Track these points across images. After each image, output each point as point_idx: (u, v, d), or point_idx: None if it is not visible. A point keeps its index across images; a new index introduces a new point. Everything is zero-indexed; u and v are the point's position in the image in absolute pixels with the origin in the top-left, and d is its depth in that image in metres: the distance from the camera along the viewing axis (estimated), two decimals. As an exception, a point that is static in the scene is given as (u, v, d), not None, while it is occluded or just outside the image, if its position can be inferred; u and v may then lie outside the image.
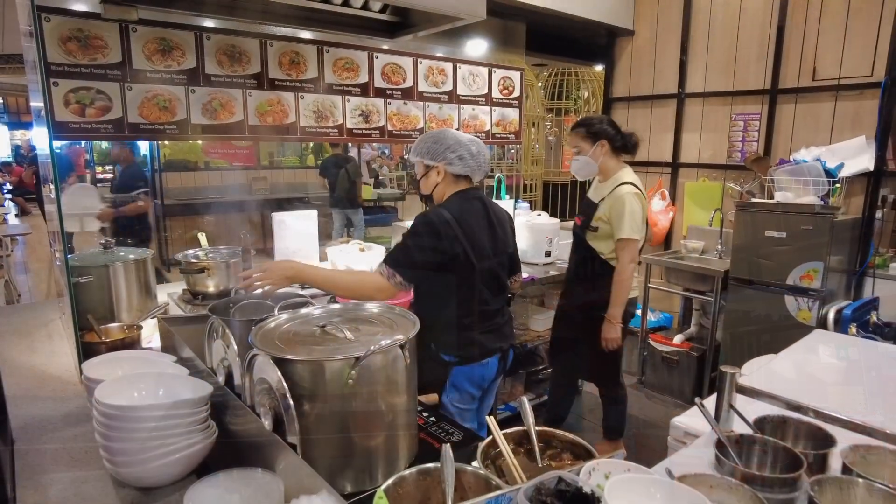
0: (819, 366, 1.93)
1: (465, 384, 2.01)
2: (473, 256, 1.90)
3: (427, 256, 1.85)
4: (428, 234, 1.85)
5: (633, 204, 2.59)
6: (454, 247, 1.86)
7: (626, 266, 2.63)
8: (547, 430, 1.25)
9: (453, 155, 1.94)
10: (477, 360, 2.02)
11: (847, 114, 3.46)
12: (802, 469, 0.97)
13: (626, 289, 2.65)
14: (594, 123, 2.73)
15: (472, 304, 1.98)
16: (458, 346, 1.98)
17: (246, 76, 2.66)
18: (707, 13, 4.00)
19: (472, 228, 1.92)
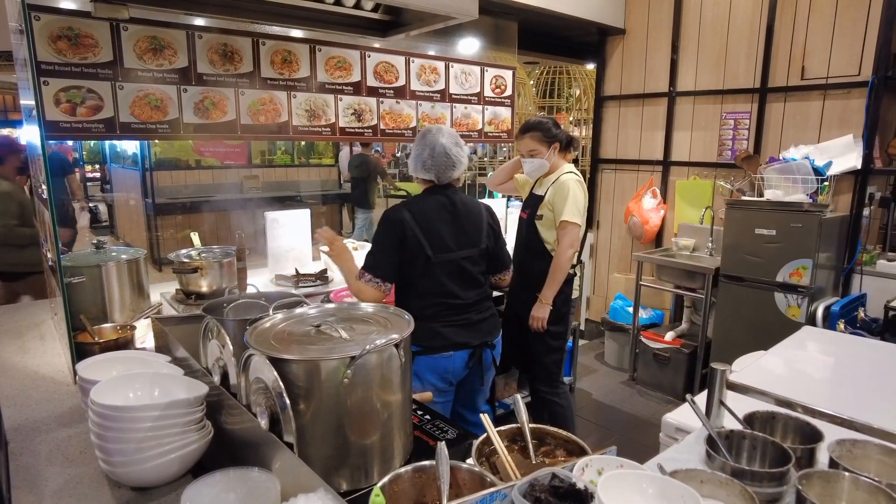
0: (807, 362, 1.96)
1: (426, 374, 2.09)
2: (429, 248, 2.02)
3: (388, 252, 2.02)
4: (385, 232, 2.04)
5: (576, 190, 2.64)
6: (406, 240, 2.01)
7: (564, 250, 2.64)
8: (541, 427, 1.27)
9: (409, 159, 2.18)
10: (438, 351, 2.08)
11: (835, 112, 3.50)
12: (791, 463, 0.99)
13: (563, 272, 2.66)
14: (549, 128, 2.77)
15: (434, 296, 2.08)
16: (420, 336, 1.97)
17: (238, 75, 2.65)
18: (697, 12, 4.02)
19: (428, 222, 2.05)
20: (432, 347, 2.07)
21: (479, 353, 2.18)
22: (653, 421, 3.53)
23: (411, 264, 2.04)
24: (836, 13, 3.42)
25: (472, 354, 2.15)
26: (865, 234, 3.48)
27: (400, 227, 2.01)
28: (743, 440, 1.10)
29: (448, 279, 2.07)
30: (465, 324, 2.12)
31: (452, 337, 2.09)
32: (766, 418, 1.18)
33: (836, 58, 3.46)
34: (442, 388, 2.13)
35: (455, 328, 2.10)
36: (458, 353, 2.11)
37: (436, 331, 2.08)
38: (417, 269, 2.05)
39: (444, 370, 2.11)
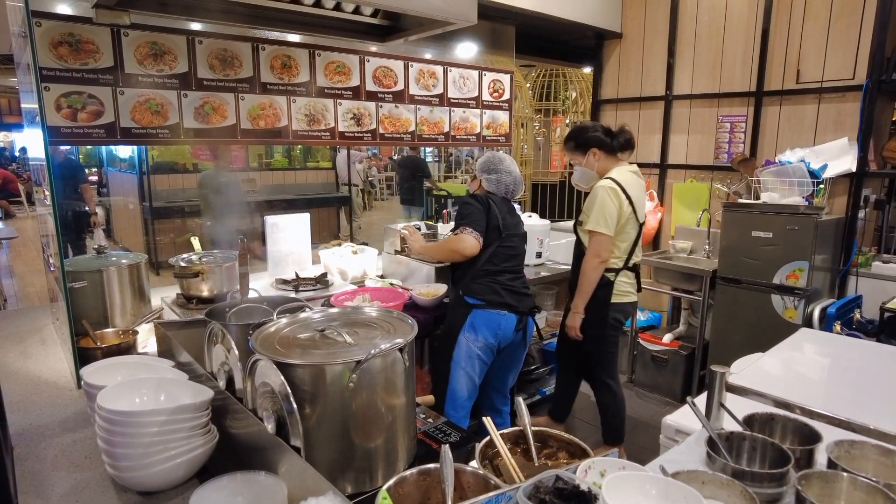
0: (805, 364, 1.98)
1: (481, 326, 2.47)
2: (501, 224, 2.50)
3: (480, 216, 2.48)
4: (475, 204, 2.51)
5: (605, 198, 2.61)
6: (493, 214, 2.49)
7: (589, 259, 2.67)
8: (543, 429, 1.28)
9: (486, 175, 2.63)
10: (496, 307, 2.48)
11: (830, 116, 3.53)
12: (790, 464, 1.01)
13: (589, 281, 2.68)
14: (580, 135, 2.78)
15: (500, 262, 2.51)
16: (481, 291, 2.48)
17: (238, 80, 2.67)
18: (693, 16, 4.06)
19: (497, 207, 2.53)
20: (492, 302, 2.47)
21: (526, 321, 2.58)
22: (652, 423, 3.54)
23: (489, 232, 2.49)
24: (831, 18, 3.46)
25: (519, 321, 2.53)
26: (861, 236, 3.51)
27: (486, 202, 2.51)
28: (743, 441, 1.12)
29: (509, 251, 2.54)
30: (515, 291, 2.53)
31: (507, 299, 2.49)
32: (765, 420, 1.20)
33: (830, 62, 3.49)
34: (491, 346, 2.51)
35: (509, 292, 2.51)
36: (511, 314, 2.50)
37: (496, 290, 2.48)
38: (492, 237, 2.49)
39: (498, 326, 2.49)
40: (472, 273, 2.51)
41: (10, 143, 18.62)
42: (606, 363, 2.93)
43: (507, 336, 2.53)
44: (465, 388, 2.52)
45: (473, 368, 2.51)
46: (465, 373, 2.50)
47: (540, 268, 3.50)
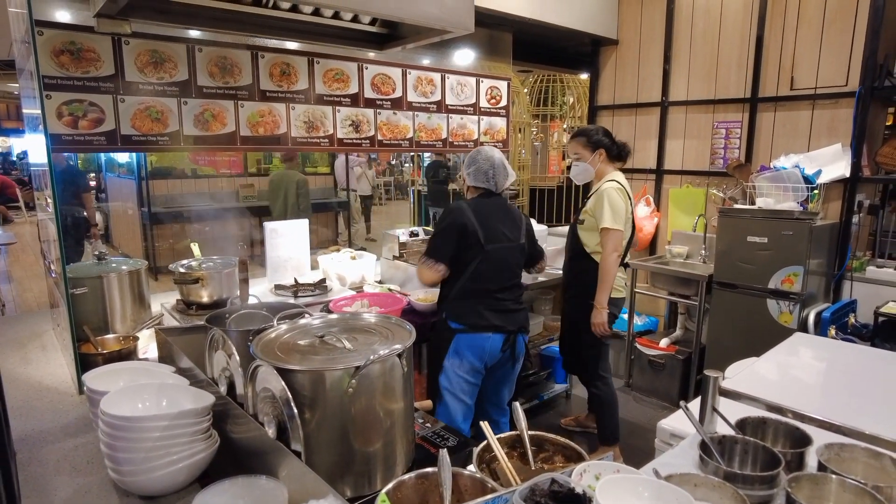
0: (798, 368, 2.00)
1: (466, 351, 2.35)
2: (483, 237, 2.31)
3: (446, 238, 2.32)
4: (447, 219, 2.34)
5: (615, 197, 2.78)
6: (469, 228, 2.30)
7: (609, 254, 2.79)
8: (539, 433, 1.30)
9: (466, 171, 2.47)
10: (480, 330, 2.35)
11: (824, 122, 3.57)
12: (780, 467, 1.03)
13: (610, 275, 2.81)
14: (594, 133, 2.96)
15: (482, 281, 2.35)
16: (464, 314, 2.35)
17: (237, 87, 2.69)
18: (689, 24, 4.10)
19: (484, 216, 2.35)
20: (476, 326, 2.34)
21: (514, 339, 2.42)
22: (648, 426, 3.56)
23: (467, 249, 2.32)
24: (824, 25, 3.50)
25: (506, 339, 2.40)
26: (855, 241, 3.54)
27: (461, 215, 2.32)
28: (735, 445, 1.14)
29: (496, 268, 2.36)
30: (503, 310, 2.39)
31: (492, 319, 2.35)
32: (757, 423, 1.22)
33: (823, 68, 3.53)
34: (477, 369, 2.39)
35: (495, 312, 2.36)
36: (496, 335, 2.36)
37: (479, 312, 2.34)
38: (471, 254, 2.32)
39: (483, 349, 2.36)
40: (454, 293, 2.37)
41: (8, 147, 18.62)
42: (604, 355, 3.06)
43: (494, 356, 2.41)
44: (460, 411, 2.45)
45: (464, 391, 2.42)
46: (456, 397, 2.42)
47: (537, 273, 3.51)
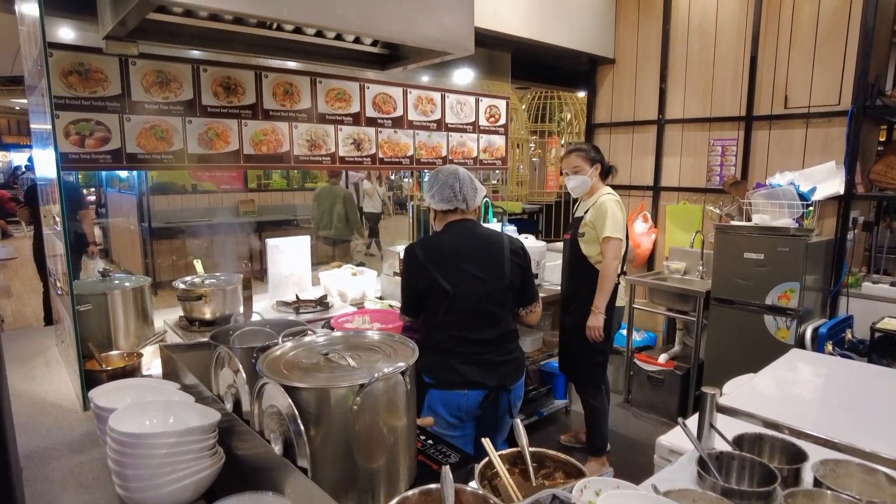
0: (794, 384, 2.02)
1: (439, 408, 2.07)
2: (446, 283, 2.02)
3: (408, 287, 2.13)
4: (407, 267, 2.13)
5: (614, 209, 2.92)
6: (425, 276, 2.05)
7: (610, 262, 2.90)
8: (540, 450, 1.32)
9: (430, 194, 2.15)
10: (452, 387, 2.05)
11: (818, 140, 3.63)
12: (777, 483, 1.05)
13: (610, 281, 2.92)
14: (591, 150, 3.10)
15: (453, 331, 2.06)
16: (434, 367, 2.07)
17: (241, 106, 2.74)
18: (684, 44, 4.17)
19: (444, 255, 2.07)
20: (447, 382, 2.05)
21: (495, 396, 2.10)
22: (648, 442, 3.56)
23: (430, 297, 2.07)
24: (816, 45, 3.57)
25: (486, 396, 2.08)
26: (850, 257, 3.58)
27: (412, 262, 2.08)
28: (732, 461, 1.16)
29: (468, 315, 2.05)
30: (483, 363, 2.08)
31: (468, 375, 2.05)
32: (753, 440, 1.24)
33: (816, 88, 3.60)
34: (453, 423, 2.09)
35: (472, 366, 2.06)
36: (473, 391, 2.06)
37: (452, 366, 2.06)
38: (435, 302, 2.06)
39: (457, 407, 2.07)
40: (426, 343, 2.06)
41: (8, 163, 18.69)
42: (604, 364, 3.15)
43: (472, 412, 2.11)
44: None
45: (452, 439, 1.99)
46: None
47: (537, 288, 3.54)
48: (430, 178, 2.20)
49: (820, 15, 3.55)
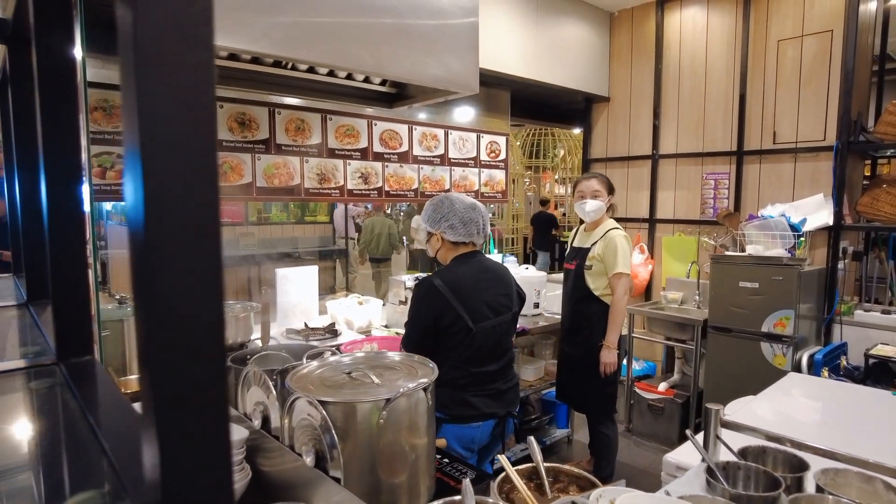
0: (793, 404, 2.09)
1: (453, 443, 2.04)
2: (469, 321, 1.99)
3: (419, 327, 2.01)
4: (422, 305, 2.01)
5: (624, 244, 2.98)
6: (446, 314, 1.97)
7: (621, 297, 2.96)
8: (554, 465, 1.38)
9: (446, 224, 2.08)
10: (468, 421, 2.05)
11: (806, 173, 3.78)
12: (781, 489, 1.12)
13: (622, 316, 2.99)
14: (608, 178, 3.17)
15: (470, 366, 2.04)
16: (450, 405, 2.02)
17: (255, 141, 2.85)
18: (676, 83, 4.36)
19: (467, 293, 2.02)
20: (462, 417, 2.03)
21: (504, 423, 2.14)
22: (650, 470, 3.59)
23: (449, 335, 1.99)
24: (800, 85, 3.76)
25: (497, 424, 2.12)
26: (842, 286, 3.69)
27: (434, 297, 1.98)
28: (738, 471, 1.23)
29: (484, 348, 2.05)
30: (493, 393, 2.09)
31: (482, 407, 2.05)
32: (757, 452, 1.31)
33: (803, 124, 3.76)
34: (466, 457, 2.07)
35: (485, 398, 2.07)
36: (486, 423, 2.08)
37: (465, 400, 2.04)
38: (456, 339, 2.00)
39: (471, 440, 2.06)
40: (440, 380, 2.00)
41: (5, 197, 18.73)
42: (615, 394, 3.17)
43: (484, 442, 2.13)
44: None
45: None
46: None
47: (538, 317, 3.62)
48: (436, 206, 2.11)
49: (803, 57, 3.75)
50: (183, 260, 0.34)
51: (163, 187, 0.33)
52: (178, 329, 0.34)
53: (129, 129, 0.32)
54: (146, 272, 0.33)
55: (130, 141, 0.33)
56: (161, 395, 0.34)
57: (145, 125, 0.31)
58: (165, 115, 0.32)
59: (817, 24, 3.68)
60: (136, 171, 0.32)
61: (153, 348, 0.34)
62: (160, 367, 0.34)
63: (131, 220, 0.34)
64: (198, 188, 0.34)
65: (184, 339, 0.35)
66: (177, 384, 0.35)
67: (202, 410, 0.36)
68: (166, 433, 0.34)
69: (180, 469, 0.35)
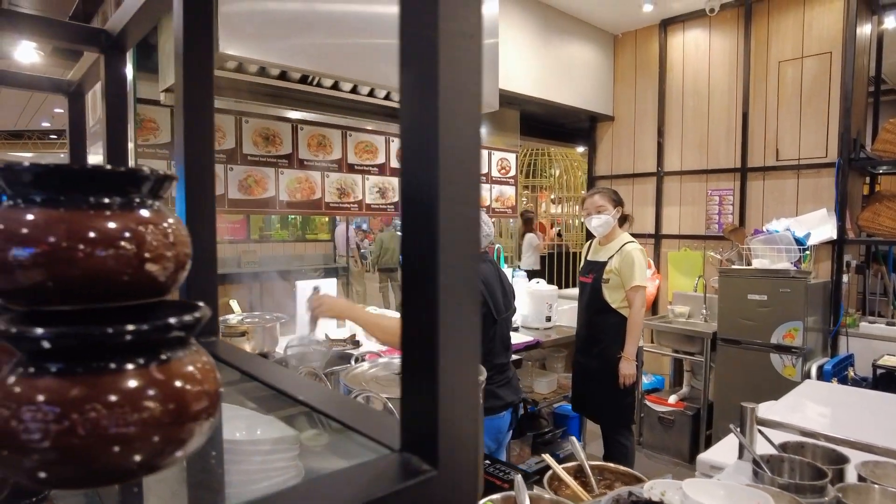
0: (816, 406, 2.14)
1: (483, 436, 2.12)
2: (495, 311, 2.17)
3: None
4: None
5: (640, 258, 3.04)
6: (483, 296, 2.11)
7: (639, 309, 3.02)
8: (599, 463, 1.43)
9: None
10: (497, 412, 2.18)
11: (809, 189, 3.89)
12: (827, 479, 1.17)
13: (639, 328, 3.06)
14: (613, 192, 3.25)
15: (492, 357, 2.20)
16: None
17: (278, 156, 2.92)
18: (679, 102, 4.49)
19: (491, 286, 2.20)
20: (492, 409, 2.15)
21: (517, 410, 2.34)
22: (663, 483, 3.61)
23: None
24: (801, 104, 3.89)
25: (513, 412, 2.28)
26: (846, 299, 3.77)
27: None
28: (782, 463, 1.27)
29: (502, 341, 2.23)
30: (507, 382, 2.26)
31: (505, 397, 2.20)
32: (796, 447, 1.36)
33: (804, 142, 3.89)
34: (493, 448, 2.20)
35: (505, 388, 2.22)
36: (507, 412, 2.23)
37: (493, 392, 2.17)
38: (484, 328, 2.12)
39: (498, 430, 2.19)
40: None
41: None
42: (633, 405, 3.22)
43: (505, 432, 2.30)
44: None
45: None
46: None
47: (550, 330, 3.67)
48: None
49: (803, 77, 3.88)
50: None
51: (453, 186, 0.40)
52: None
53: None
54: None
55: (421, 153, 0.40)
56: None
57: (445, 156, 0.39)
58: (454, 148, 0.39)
59: (816, 46, 3.82)
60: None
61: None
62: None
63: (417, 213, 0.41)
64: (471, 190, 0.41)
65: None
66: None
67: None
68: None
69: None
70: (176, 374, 0.36)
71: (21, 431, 0.31)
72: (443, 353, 0.39)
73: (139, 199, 0.40)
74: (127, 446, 0.33)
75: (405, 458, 0.42)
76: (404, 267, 0.41)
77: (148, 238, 0.38)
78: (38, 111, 9.51)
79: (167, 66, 2.31)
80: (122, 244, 0.37)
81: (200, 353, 0.41)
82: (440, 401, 0.40)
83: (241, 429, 1.39)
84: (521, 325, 3.69)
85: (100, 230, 0.37)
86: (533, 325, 3.69)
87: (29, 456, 0.32)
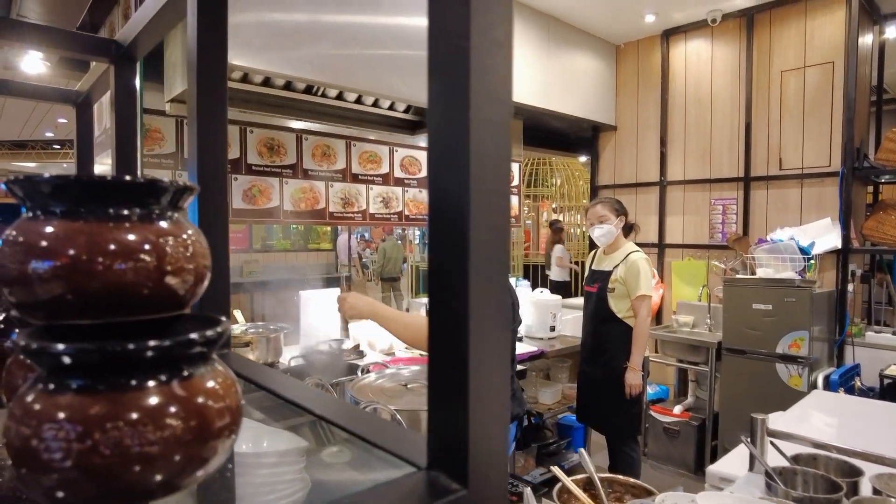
0: (825, 417, 2.12)
1: None
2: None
3: None
4: None
5: (645, 267, 3.04)
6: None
7: (644, 319, 3.01)
8: (609, 475, 1.41)
9: None
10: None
11: (812, 198, 3.89)
12: (842, 492, 1.15)
13: (646, 338, 3.04)
14: (616, 202, 3.24)
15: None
16: None
17: (283, 166, 2.92)
18: (682, 111, 4.50)
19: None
20: None
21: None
22: (669, 495, 3.57)
23: None
24: (804, 113, 3.89)
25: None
26: (851, 308, 3.75)
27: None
28: (794, 476, 1.26)
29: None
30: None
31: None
32: (808, 459, 1.34)
33: (808, 151, 3.89)
34: None
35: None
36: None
37: None
38: None
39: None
40: None
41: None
42: (639, 415, 3.18)
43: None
44: None
45: None
46: None
47: (554, 340, 3.65)
48: None
49: (805, 87, 3.89)
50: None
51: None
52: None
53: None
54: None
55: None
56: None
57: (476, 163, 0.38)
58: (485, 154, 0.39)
59: (818, 55, 3.83)
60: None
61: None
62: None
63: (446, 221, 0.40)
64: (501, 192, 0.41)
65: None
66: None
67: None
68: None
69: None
70: (198, 390, 0.36)
71: (42, 450, 0.30)
72: (473, 367, 0.39)
73: (159, 211, 0.39)
74: (148, 465, 0.32)
75: (432, 477, 0.41)
76: (431, 278, 0.41)
77: (168, 250, 0.38)
78: (42, 121, 9.56)
79: (173, 77, 2.32)
80: (143, 257, 0.37)
81: (221, 367, 0.40)
82: (470, 416, 0.39)
83: (247, 440, 1.38)
84: (525, 335, 3.68)
85: (120, 242, 0.36)
86: (537, 334, 3.67)
87: (49, 475, 0.31)
